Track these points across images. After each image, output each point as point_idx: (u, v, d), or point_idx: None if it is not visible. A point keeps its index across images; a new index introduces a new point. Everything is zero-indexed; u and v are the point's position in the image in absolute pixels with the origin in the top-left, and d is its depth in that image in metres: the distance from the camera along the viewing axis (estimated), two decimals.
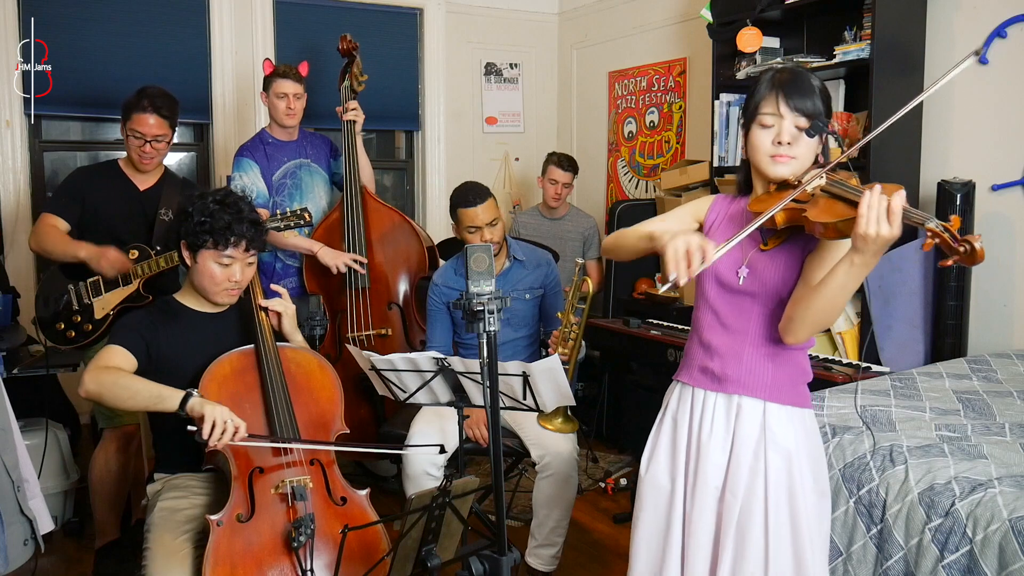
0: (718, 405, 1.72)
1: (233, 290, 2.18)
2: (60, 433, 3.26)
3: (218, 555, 1.84)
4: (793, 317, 1.59)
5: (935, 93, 3.31)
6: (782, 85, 1.63)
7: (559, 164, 4.27)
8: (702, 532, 1.71)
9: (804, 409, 1.72)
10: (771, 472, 1.65)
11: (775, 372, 1.68)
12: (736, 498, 1.66)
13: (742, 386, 1.69)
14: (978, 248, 1.30)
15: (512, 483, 3.50)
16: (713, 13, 3.79)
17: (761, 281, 1.67)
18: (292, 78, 3.34)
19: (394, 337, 3.46)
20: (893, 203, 1.39)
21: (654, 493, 1.79)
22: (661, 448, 1.81)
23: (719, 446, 1.70)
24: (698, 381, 1.75)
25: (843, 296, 1.51)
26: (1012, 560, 1.64)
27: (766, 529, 1.64)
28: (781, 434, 1.67)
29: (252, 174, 3.34)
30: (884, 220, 1.39)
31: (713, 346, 1.73)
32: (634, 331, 3.69)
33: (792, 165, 1.63)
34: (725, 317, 1.72)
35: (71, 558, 3.05)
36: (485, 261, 1.68)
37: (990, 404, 2.33)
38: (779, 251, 1.66)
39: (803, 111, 1.61)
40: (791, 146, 1.62)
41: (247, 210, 2.15)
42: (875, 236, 1.40)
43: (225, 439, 1.90)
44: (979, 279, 3.16)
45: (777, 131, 1.62)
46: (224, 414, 1.91)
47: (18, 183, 4.08)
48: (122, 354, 2.07)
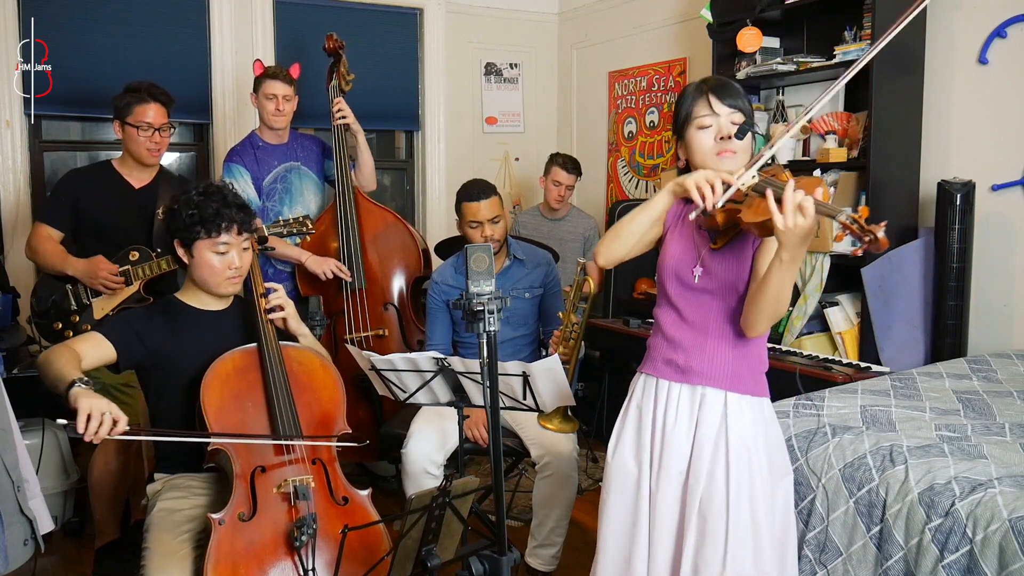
0: (682, 395, 1.81)
1: (235, 278, 2.18)
2: (60, 433, 3.26)
3: (220, 554, 1.84)
4: (748, 313, 1.70)
5: (935, 93, 3.33)
6: (712, 88, 1.75)
7: (563, 166, 4.27)
8: (666, 514, 1.80)
9: (762, 398, 1.81)
10: (732, 457, 1.74)
11: (735, 363, 1.78)
12: (699, 481, 1.75)
13: (705, 377, 1.78)
14: (880, 237, 1.41)
15: (512, 483, 3.51)
16: (713, 13, 3.79)
17: (715, 278, 1.76)
18: (281, 79, 3.33)
19: (391, 337, 3.47)
20: (805, 200, 1.48)
21: (621, 477, 1.88)
22: (627, 435, 1.89)
23: (683, 433, 1.79)
24: (663, 373, 1.84)
25: (784, 290, 1.61)
26: (1012, 560, 1.65)
27: (727, 509, 1.72)
28: (740, 422, 1.76)
29: (242, 181, 3.33)
30: (798, 213, 1.48)
31: (677, 340, 1.81)
32: (634, 331, 3.69)
33: (737, 160, 1.73)
34: (686, 313, 1.80)
35: (71, 558, 3.05)
36: (485, 261, 1.68)
37: (990, 404, 2.33)
38: (729, 249, 1.75)
39: (737, 107, 1.73)
40: (732, 140, 1.72)
41: (232, 196, 2.16)
42: (792, 227, 1.48)
43: (102, 433, 1.77)
44: (979, 279, 3.16)
45: (717, 128, 1.74)
46: (102, 406, 1.79)
47: (18, 183, 4.08)
48: (96, 340, 2.06)
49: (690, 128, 1.77)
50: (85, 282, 2.78)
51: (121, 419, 1.81)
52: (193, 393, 2.07)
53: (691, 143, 1.77)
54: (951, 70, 3.29)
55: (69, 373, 1.88)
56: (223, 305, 2.26)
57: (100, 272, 2.74)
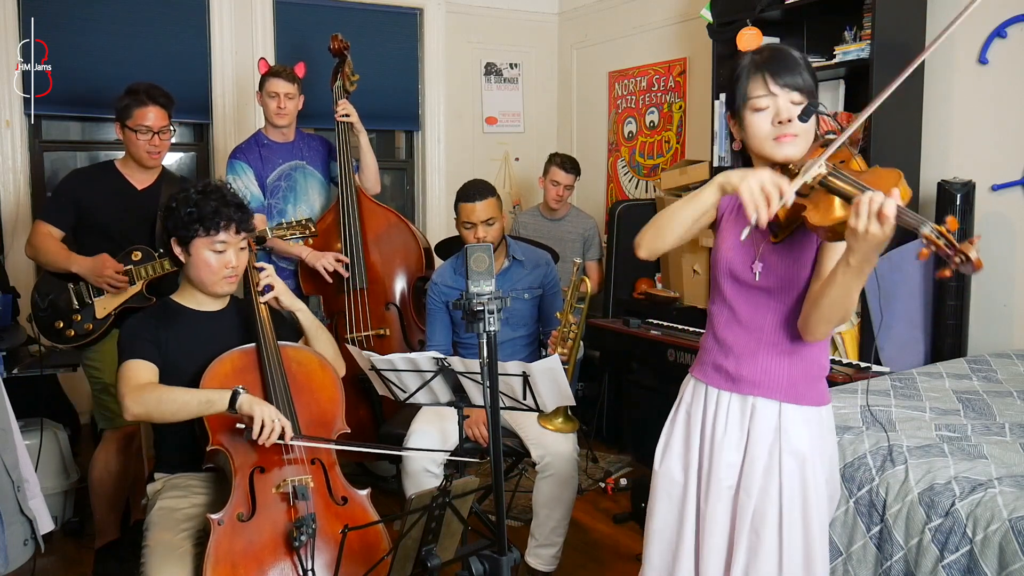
0: (732, 405, 1.69)
1: (231, 277, 2.18)
2: (60, 433, 3.26)
3: (219, 554, 1.84)
4: (807, 316, 1.56)
5: (935, 93, 3.33)
6: (767, 64, 1.58)
7: (561, 166, 4.27)
8: (716, 530, 1.69)
9: (821, 408, 1.68)
10: (785, 474, 1.63)
11: (791, 371, 1.65)
12: (750, 498, 1.65)
13: (757, 387, 1.66)
14: (974, 258, 1.21)
15: (512, 483, 3.51)
16: (713, 13, 3.80)
17: (776, 275, 1.63)
18: (285, 77, 3.35)
19: (392, 337, 3.47)
20: (886, 207, 1.31)
21: (668, 486, 1.78)
22: (675, 442, 1.80)
23: (733, 446, 1.68)
24: (712, 379, 1.73)
25: (849, 294, 1.47)
26: (1012, 560, 1.64)
27: (780, 530, 1.63)
28: (796, 436, 1.64)
29: (245, 178, 3.34)
30: (875, 221, 1.32)
31: (728, 343, 1.70)
32: (634, 331, 3.69)
33: (798, 144, 1.57)
34: (741, 314, 1.68)
35: (71, 558, 3.05)
36: (485, 261, 1.68)
37: (990, 404, 2.34)
38: (791, 242, 1.62)
39: (794, 86, 1.55)
40: (792, 123, 1.55)
41: (230, 195, 2.16)
42: (864, 234, 1.33)
43: (274, 438, 1.91)
44: (979, 279, 3.15)
45: (775, 111, 1.56)
46: (272, 413, 1.93)
47: (18, 183, 4.08)
48: (146, 368, 2.06)
49: (745, 110, 1.60)
50: (90, 280, 2.78)
51: (287, 426, 1.95)
52: None
53: (749, 127, 1.60)
54: (951, 70, 3.29)
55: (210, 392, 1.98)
56: (220, 306, 2.26)
57: (106, 270, 2.74)
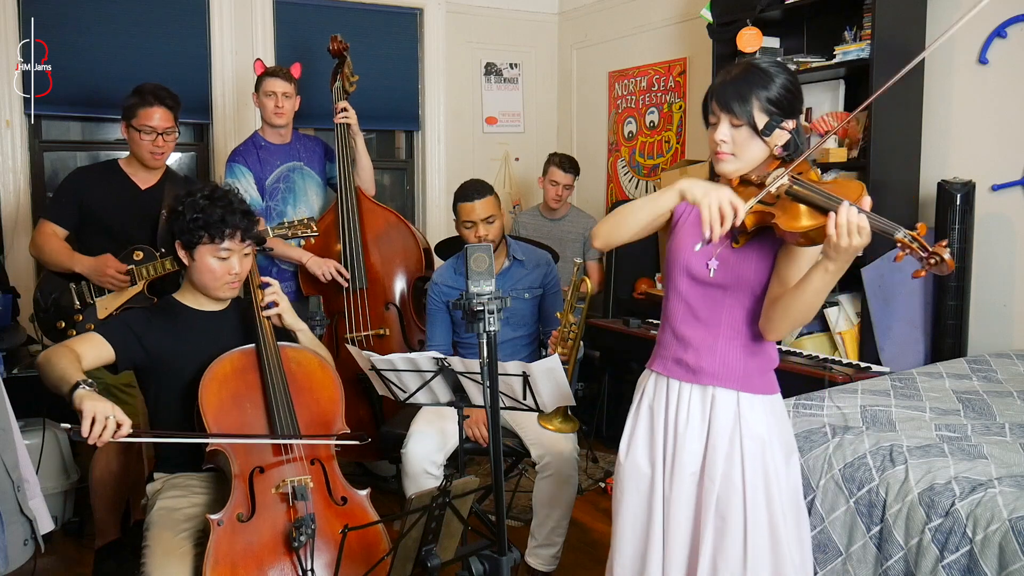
0: (693, 396, 1.78)
1: (234, 283, 2.18)
2: (60, 433, 3.26)
3: (219, 554, 1.84)
4: (772, 317, 1.66)
5: (935, 93, 3.33)
6: (719, 85, 1.69)
7: (560, 165, 4.27)
8: (681, 514, 1.78)
9: (773, 396, 1.79)
10: (747, 458, 1.71)
11: (747, 363, 1.74)
12: (714, 483, 1.73)
13: (716, 378, 1.75)
14: (947, 259, 1.33)
15: (512, 483, 3.51)
16: (713, 13, 3.79)
17: (733, 274, 1.71)
18: (281, 77, 3.35)
19: (392, 337, 3.47)
20: (860, 220, 1.44)
21: (635, 478, 1.86)
22: (639, 434, 1.87)
23: (695, 434, 1.77)
24: (673, 372, 1.80)
25: (820, 298, 1.57)
26: (1012, 560, 1.64)
27: (744, 511, 1.70)
28: (754, 422, 1.73)
29: (244, 181, 3.33)
30: (856, 234, 1.45)
31: (687, 338, 1.77)
32: (634, 331, 3.69)
33: (733, 163, 1.68)
34: (698, 310, 1.76)
35: (71, 558, 3.05)
36: (485, 261, 1.68)
37: (990, 404, 2.33)
38: (750, 246, 1.70)
39: (732, 112, 1.65)
40: (726, 144, 1.67)
41: (237, 201, 2.16)
42: (847, 247, 1.46)
43: (106, 436, 1.77)
44: (979, 279, 3.15)
45: (715, 130, 1.69)
46: (106, 409, 1.78)
47: (18, 183, 4.07)
48: (95, 341, 2.06)
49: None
50: (92, 279, 2.78)
51: (125, 422, 1.80)
52: (192, 394, 2.07)
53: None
54: (951, 70, 3.29)
55: (72, 375, 1.88)
56: (221, 306, 2.26)
57: (108, 270, 2.74)
